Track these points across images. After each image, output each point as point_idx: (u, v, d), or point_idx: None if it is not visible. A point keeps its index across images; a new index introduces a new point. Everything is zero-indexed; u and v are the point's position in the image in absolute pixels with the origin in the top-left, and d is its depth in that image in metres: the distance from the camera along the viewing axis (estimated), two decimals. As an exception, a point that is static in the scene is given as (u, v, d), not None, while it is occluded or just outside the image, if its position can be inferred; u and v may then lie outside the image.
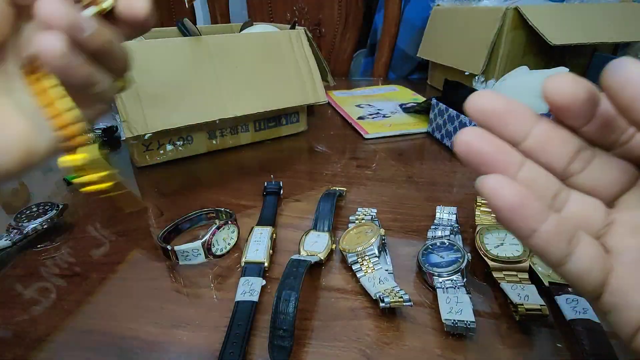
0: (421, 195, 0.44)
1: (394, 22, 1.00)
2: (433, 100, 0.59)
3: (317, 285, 0.31)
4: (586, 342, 0.24)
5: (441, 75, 0.86)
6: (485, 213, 0.37)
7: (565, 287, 0.28)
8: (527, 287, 0.28)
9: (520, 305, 0.26)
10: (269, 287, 0.31)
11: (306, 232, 0.36)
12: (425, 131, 0.63)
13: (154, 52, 0.47)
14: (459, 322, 0.25)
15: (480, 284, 0.31)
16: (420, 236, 0.37)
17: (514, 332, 0.26)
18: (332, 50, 1.16)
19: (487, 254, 0.31)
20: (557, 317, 0.27)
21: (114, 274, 0.33)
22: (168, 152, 0.53)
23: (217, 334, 0.26)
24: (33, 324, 0.28)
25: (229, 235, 0.35)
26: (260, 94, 0.53)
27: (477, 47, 0.68)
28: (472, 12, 0.72)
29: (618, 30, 0.60)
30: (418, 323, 0.27)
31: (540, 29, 0.59)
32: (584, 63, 0.68)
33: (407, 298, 0.26)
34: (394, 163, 0.52)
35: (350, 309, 0.29)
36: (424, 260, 0.31)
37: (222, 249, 0.34)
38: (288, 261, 0.29)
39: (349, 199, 0.44)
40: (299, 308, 0.28)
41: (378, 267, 0.31)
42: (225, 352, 0.25)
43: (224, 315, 0.28)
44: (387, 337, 0.26)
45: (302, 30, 0.58)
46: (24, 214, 0.39)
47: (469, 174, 0.49)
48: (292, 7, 1.14)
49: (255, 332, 0.27)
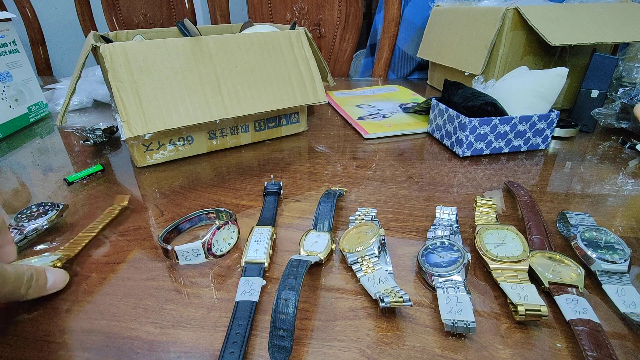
0: (421, 195, 0.44)
1: (394, 23, 1.00)
2: (433, 101, 0.59)
3: (317, 285, 0.31)
4: (586, 342, 0.24)
5: (441, 75, 0.86)
6: (485, 213, 0.37)
7: (565, 287, 0.28)
8: (527, 287, 0.28)
9: (520, 305, 0.26)
10: (269, 287, 0.31)
11: (306, 232, 0.36)
12: (425, 131, 0.63)
13: (154, 52, 0.47)
14: (458, 322, 0.25)
15: (480, 284, 0.31)
16: (420, 236, 0.37)
17: (513, 332, 0.26)
18: (332, 51, 1.16)
19: (487, 254, 0.31)
20: (556, 317, 0.27)
21: (114, 274, 0.33)
22: (168, 152, 0.53)
23: (217, 334, 0.27)
24: (33, 324, 0.28)
25: (229, 235, 0.35)
26: (260, 94, 0.53)
27: (476, 47, 0.68)
28: (471, 12, 0.72)
29: (618, 31, 0.60)
30: (418, 323, 0.27)
31: (540, 29, 0.59)
32: (584, 63, 0.68)
33: (407, 298, 0.26)
34: (394, 163, 0.52)
35: (350, 309, 0.29)
36: (424, 260, 0.31)
37: (222, 249, 0.34)
38: (288, 261, 0.29)
39: (349, 199, 0.44)
40: (299, 308, 0.28)
41: (378, 267, 0.31)
42: (225, 352, 0.25)
43: (224, 315, 0.28)
44: (387, 337, 0.26)
45: (302, 30, 0.58)
46: (24, 214, 0.39)
47: (468, 174, 0.49)
48: (292, 8, 1.14)
49: (255, 332, 0.27)
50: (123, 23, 1.30)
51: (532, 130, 0.52)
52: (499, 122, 0.51)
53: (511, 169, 0.50)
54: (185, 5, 1.25)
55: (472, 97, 0.53)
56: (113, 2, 1.26)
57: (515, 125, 0.52)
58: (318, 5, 1.12)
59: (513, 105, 0.52)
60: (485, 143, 0.52)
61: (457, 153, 0.53)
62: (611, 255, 0.30)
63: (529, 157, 0.53)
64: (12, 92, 0.69)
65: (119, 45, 0.45)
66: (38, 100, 0.75)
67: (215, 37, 0.51)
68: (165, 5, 1.27)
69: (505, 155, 0.54)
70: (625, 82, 0.61)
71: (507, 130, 0.52)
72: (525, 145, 0.54)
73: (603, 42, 0.59)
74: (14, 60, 0.70)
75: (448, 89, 0.58)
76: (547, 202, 0.42)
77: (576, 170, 0.50)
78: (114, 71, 0.45)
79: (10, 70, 0.69)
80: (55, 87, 0.93)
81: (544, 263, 0.31)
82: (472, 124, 0.50)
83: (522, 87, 0.52)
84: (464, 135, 0.51)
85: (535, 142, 0.54)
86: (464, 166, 0.51)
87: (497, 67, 0.66)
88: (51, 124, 0.75)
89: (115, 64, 0.45)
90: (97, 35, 0.55)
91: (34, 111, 0.74)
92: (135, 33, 0.64)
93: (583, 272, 0.29)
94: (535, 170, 0.50)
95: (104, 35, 0.57)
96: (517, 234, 0.32)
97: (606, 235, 0.32)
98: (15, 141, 0.66)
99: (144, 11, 1.28)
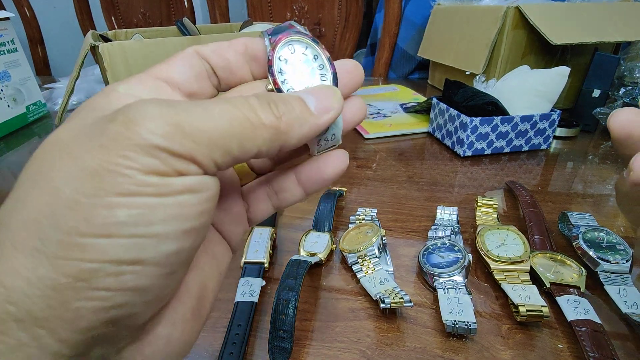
0: (422, 196, 0.44)
1: (395, 22, 1.00)
2: (434, 100, 0.59)
3: (317, 285, 0.31)
4: (587, 343, 0.24)
5: (442, 74, 0.86)
6: (486, 213, 0.36)
7: (567, 287, 0.28)
8: (528, 287, 0.28)
9: (521, 305, 0.26)
10: (268, 287, 0.31)
11: (306, 233, 0.36)
12: (425, 131, 0.62)
13: (153, 51, 0.47)
14: (459, 322, 0.25)
15: (481, 285, 0.30)
16: (420, 236, 0.37)
17: (515, 332, 0.26)
18: (332, 50, 1.16)
19: (488, 255, 0.31)
20: (558, 317, 0.27)
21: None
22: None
23: (217, 335, 0.26)
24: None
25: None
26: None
27: (477, 46, 0.68)
28: (472, 11, 0.72)
29: (619, 30, 0.60)
30: (418, 324, 0.27)
31: (542, 28, 0.59)
32: (585, 62, 0.68)
33: (407, 299, 0.26)
34: (394, 163, 0.52)
35: (351, 310, 0.28)
36: (425, 261, 0.31)
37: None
38: (288, 262, 0.29)
39: (349, 199, 0.44)
40: (299, 309, 0.28)
41: (378, 268, 0.30)
42: (224, 353, 0.24)
43: (223, 315, 0.28)
44: (388, 338, 0.26)
45: (302, 29, 0.58)
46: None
47: (469, 174, 0.49)
48: (292, 7, 1.14)
49: (255, 332, 0.27)
50: (122, 22, 1.29)
51: (533, 129, 0.52)
52: (500, 122, 0.51)
53: (512, 169, 0.50)
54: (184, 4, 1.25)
55: (473, 96, 0.53)
56: (112, 1, 1.26)
57: (516, 124, 0.51)
58: (318, 4, 1.12)
59: (514, 104, 0.52)
60: (487, 143, 0.52)
61: (458, 153, 0.53)
62: (613, 255, 0.30)
63: (530, 156, 0.53)
64: (10, 91, 0.69)
65: (118, 44, 0.45)
66: (36, 99, 0.75)
67: (214, 37, 0.51)
68: (165, 5, 1.26)
69: (507, 155, 0.54)
70: (627, 82, 0.61)
71: (508, 130, 0.52)
72: (527, 145, 0.53)
73: (605, 41, 0.59)
74: (12, 60, 0.70)
75: (449, 89, 0.57)
76: (549, 202, 0.42)
77: (578, 170, 0.49)
78: (112, 70, 0.45)
79: (9, 70, 0.69)
80: (54, 86, 0.93)
81: (546, 263, 0.31)
82: (473, 124, 0.50)
83: (524, 86, 0.52)
84: (465, 135, 0.51)
85: (536, 141, 0.53)
86: (465, 166, 0.51)
87: (498, 66, 0.66)
88: (50, 123, 0.75)
89: (114, 63, 0.45)
90: (96, 34, 0.55)
91: (33, 111, 0.74)
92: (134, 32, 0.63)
93: (585, 272, 0.29)
94: (537, 170, 0.49)
95: (103, 35, 0.57)
96: (518, 234, 0.32)
97: (608, 236, 0.32)
98: (14, 141, 0.66)
99: (143, 10, 1.27)
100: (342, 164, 0.17)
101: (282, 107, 0.14)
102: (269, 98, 0.14)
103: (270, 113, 0.13)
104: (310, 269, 0.29)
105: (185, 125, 0.11)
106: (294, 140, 0.14)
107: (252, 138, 0.13)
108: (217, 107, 0.12)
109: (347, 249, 0.32)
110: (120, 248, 0.11)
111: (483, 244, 0.32)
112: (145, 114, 0.11)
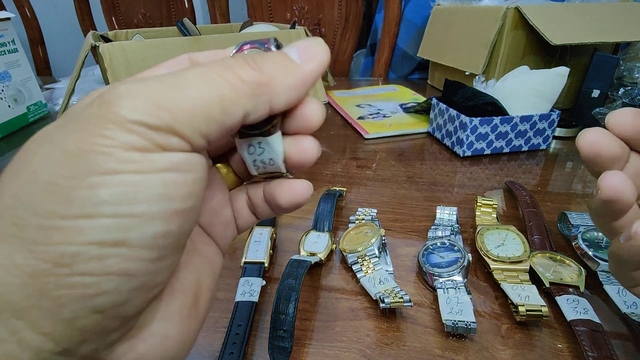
0: (421, 196, 0.44)
1: (394, 22, 1.00)
2: (433, 100, 0.59)
3: (317, 285, 0.31)
4: (587, 342, 0.24)
5: (441, 75, 0.86)
6: (486, 213, 0.37)
7: (566, 287, 0.28)
8: (528, 287, 0.28)
9: (520, 305, 0.26)
10: (269, 287, 0.31)
11: (306, 232, 0.36)
12: (425, 131, 0.62)
13: (153, 51, 0.47)
14: (459, 322, 0.25)
15: (480, 284, 0.31)
16: (420, 236, 0.37)
17: (514, 332, 0.26)
18: (332, 50, 1.16)
19: (488, 254, 0.31)
20: (557, 317, 0.27)
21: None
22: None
23: (217, 335, 0.26)
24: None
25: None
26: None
27: (477, 46, 0.68)
28: (472, 11, 0.72)
29: (619, 30, 0.60)
30: (418, 324, 0.27)
31: (541, 28, 0.59)
32: (585, 63, 0.68)
33: (407, 298, 0.26)
34: (394, 163, 0.52)
35: (351, 310, 0.28)
36: (425, 261, 0.31)
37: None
38: (288, 261, 0.29)
39: (349, 199, 0.44)
40: (299, 308, 0.28)
41: (378, 268, 0.31)
42: (225, 353, 0.24)
43: (223, 315, 0.28)
44: (388, 337, 0.26)
45: (302, 30, 0.58)
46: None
47: (469, 174, 0.49)
48: (292, 7, 1.14)
49: (255, 332, 0.27)
50: (122, 23, 1.29)
51: (532, 130, 0.52)
52: (499, 122, 0.51)
53: (512, 169, 0.50)
54: (184, 4, 1.25)
55: (473, 96, 0.53)
56: (112, 1, 1.26)
57: (516, 125, 0.51)
58: (318, 5, 1.12)
59: (514, 104, 0.52)
60: (486, 143, 0.52)
61: (458, 153, 0.53)
62: (612, 255, 0.30)
63: (529, 157, 0.53)
64: (11, 91, 0.69)
65: (118, 44, 0.45)
66: (37, 100, 0.75)
67: (214, 37, 0.51)
68: (165, 5, 1.26)
69: (506, 155, 0.54)
70: (626, 82, 0.61)
71: (508, 130, 0.52)
72: (526, 145, 0.53)
73: (604, 41, 0.59)
74: (13, 60, 0.70)
75: (449, 89, 0.58)
76: (548, 202, 0.42)
77: (577, 170, 0.49)
78: (113, 70, 0.45)
79: (9, 70, 0.69)
80: (55, 86, 0.93)
81: (545, 263, 0.31)
82: (473, 124, 0.50)
83: (523, 86, 0.52)
84: (465, 135, 0.51)
85: (536, 141, 0.53)
86: (464, 166, 0.51)
87: (498, 66, 0.66)
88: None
89: (114, 63, 0.45)
90: (97, 34, 0.55)
91: (33, 111, 0.74)
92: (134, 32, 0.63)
93: (584, 272, 0.29)
94: (536, 170, 0.50)
95: (104, 35, 0.57)
96: (518, 234, 0.32)
97: (607, 236, 0.32)
98: (14, 141, 0.66)
99: (143, 11, 1.27)
100: (298, 196, 0.17)
101: (261, 61, 0.13)
102: (246, 56, 0.13)
103: (248, 67, 0.13)
104: (310, 268, 0.29)
105: (159, 96, 0.11)
106: (282, 94, 0.13)
107: (233, 98, 0.12)
108: (190, 72, 0.12)
109: (347, 249, 0.32)
110: (102, 229, 0.10)
111: (483, 244, 0.32)
112: (119, 93, 0.11)
